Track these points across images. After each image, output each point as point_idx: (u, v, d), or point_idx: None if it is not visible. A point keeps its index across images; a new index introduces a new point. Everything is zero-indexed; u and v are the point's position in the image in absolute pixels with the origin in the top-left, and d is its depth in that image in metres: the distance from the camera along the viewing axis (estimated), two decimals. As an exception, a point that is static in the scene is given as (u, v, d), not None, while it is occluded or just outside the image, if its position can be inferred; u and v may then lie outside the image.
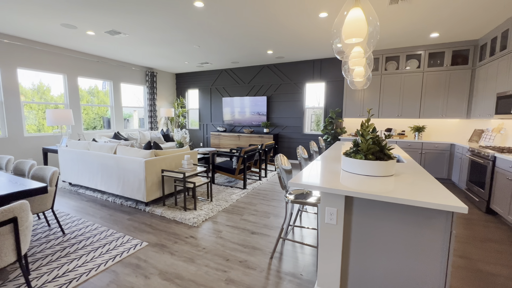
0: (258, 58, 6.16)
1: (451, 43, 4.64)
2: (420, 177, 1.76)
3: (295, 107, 6.60)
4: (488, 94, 3.98)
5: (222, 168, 4.34)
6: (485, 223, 2.94)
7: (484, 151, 3.28)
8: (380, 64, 5.23)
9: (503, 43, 3.68)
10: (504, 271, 2.00)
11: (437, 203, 1.25)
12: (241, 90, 7.34)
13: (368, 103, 5.43)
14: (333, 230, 1.60)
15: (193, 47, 5.24)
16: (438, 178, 4.76)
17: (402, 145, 4.94)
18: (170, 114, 7.75)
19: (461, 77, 4.65)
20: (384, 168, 1.80)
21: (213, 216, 3.05)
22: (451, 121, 5.01)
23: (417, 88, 4.98)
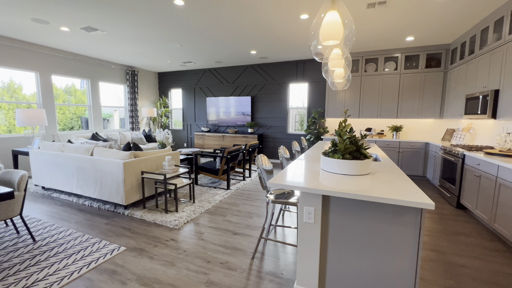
0: (242, 58, 6.15)
1: (426, 47, 4.87)
2: (394, 175, 1.83)
3: (279, 107, 6.65)
4: (458, 96, 4.22)
5: (205, 169, 4.29)
6: (455, 217, 3.11)
7: (455, 149, 3.47)
8: (360, 66, 5.39)
9: (471, 48, 3.92)
10: (472, 263, 2.13)
11: (407, 200, 1.31)
12: (226, 90, 7.29)
13: (349, 104, 5.58)
14: (311, 228, 1.63)
15: (175, 45, 5.13)
16: (414, 175, 4.98)
17: (381, 144, 5.12)
18: (152, 114, 7.55)
19: (434, 79, 4.89)
20: (361, 167, 1.86)
21: (195, 218, 3.01)
22: (426, 121, 5.26)
23: (394, 89, 5.19)
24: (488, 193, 2.69)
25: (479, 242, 2.49)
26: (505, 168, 2.42)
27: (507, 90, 2.92)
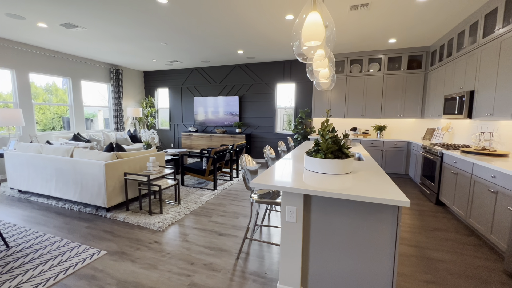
0: (229, 57, 6.12)
1: (407, 49, 5.02)
2: (375, 174, 1.88)
3: (267, 107, 6.67)
4: (437, 96, 4.38)
5: (191, 170, 4.24)
6: (435, 213, 3.23)
7: (434, 148, 3.60)
8: (345, 67, 5.49)
9: (449, 50, 4.08)
10: (448, 257, 2.22)
11: (384, 198, 1.34)
12: (213, 90, 7.23)
13: (334, 104, 5.67)
14: (293, 228, 1.64)
15: (160, 44, 5.04)
16: (397, 174, 5.13)
17: (366, 143, 5.24)
18: (138, 113, 7.38)
19: (416, 80, 5.06)
20: (342, 166, 1.89)
21: (180, 220, 2.97)
22: (408, 120, 5.43)
23: (378, 89, 5.32)
24: (464, 190, 2.81)
25: (456, 237, 2.60)
26: (479, 166, 2.53)
27: (481, 91, 3.06)
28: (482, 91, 3.04)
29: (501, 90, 2.69)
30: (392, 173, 5.16)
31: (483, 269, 2.04)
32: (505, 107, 2.61)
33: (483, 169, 2.46)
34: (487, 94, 2.94)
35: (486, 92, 2.96)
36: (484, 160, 2.52)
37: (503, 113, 2.62)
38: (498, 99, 2.73)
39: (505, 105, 2.61)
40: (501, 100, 2.67)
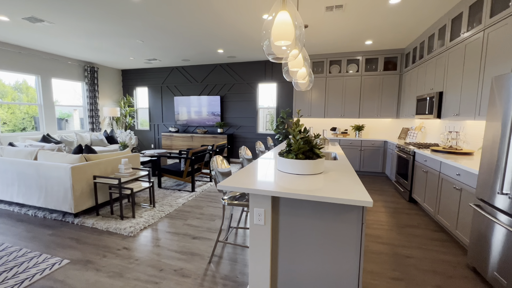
0: (210, 56, 6.02)
1: (383, 51, 5.16)
2: (345, 174, 1.89)
3: (249, 107, 6.63)
4: (411, 97, 4.54)
5: (169, 171, 4.12)
6: (408, 210, 3.33)
7: (407, 147, 3.72)
8: (325, 67, 5.56)
9: (421, 53, 4.23)
10: (416, 253, 2.28)
11: (348, 199, 1.34)
12: (194, 89, 7.10)
13: (315, 104, 5.73)
14: (262, 230, 1.61)
15: (136, 41, 4.86)
16: (375, 172, 5.27)
17: (345, 143, 5.34)
18: (115, 113, 7.10)
19: (391, 81, 5.21)
20: (313, 166, 1.88)
21: (153, 224, 2.86)
22: (385, 120, 5.59)
23: (356, 90, 5.43)
24: (433, 188, 2.92)
25: (425, 233, 2.68)
26: (445, 164, 2.63)
27: (449, 92, 3.19)
28: (450, 92, 3.17)
29: (466, 91, 2.81)
30: (370, 172, 5.30)
31: (448, 264, 2.11)
32: (469, 107, 2.73)
33: (449, 167, 2.56)
34: (454, 95, 3.07)
35: (453, 93, 3.09)
36: (451, 158, 2.63)
37: (468, 114, 2.75)
38: (463, 100, 2.85)
39: (469, 105, 2.73)
40: (466, 101, 2.79)
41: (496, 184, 1.75)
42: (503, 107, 1.72)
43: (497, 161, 1.75)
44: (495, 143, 1.78)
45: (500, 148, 1.73)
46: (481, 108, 2.52)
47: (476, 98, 2.61)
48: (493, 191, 1.78)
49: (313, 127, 6.13)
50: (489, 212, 1.82)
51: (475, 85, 2.63)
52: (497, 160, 1.75)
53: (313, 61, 5.67)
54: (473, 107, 2.66)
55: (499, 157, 1.74)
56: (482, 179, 1.91)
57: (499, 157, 1.73)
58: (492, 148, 1.80)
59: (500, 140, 1.74)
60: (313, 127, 6.13)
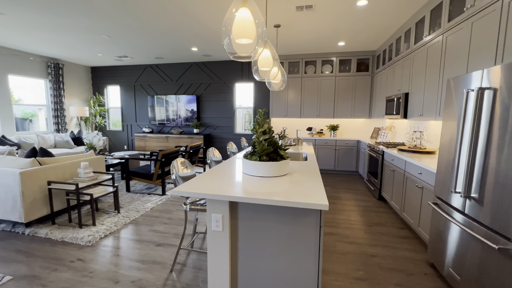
0: (184, 55, 5.83)
1: (356, 52, 5.28)
2: (309, 176, 1.86)
3: (226, 106, 6.53)
4: (381, 98, 4.67)
5: (138, 174, 3.92)
6: (376, 208, 3.41)
7: (377, 146, 3.81)
8: (300, 68, 5.59)
9: (390, 55, 4.36)
10: (381, 251, 2.32)
11: (305, 203, 1.30)
12: (169, 88, 6.86)
13: (291, 104, 5.75)
14: (220, 237, 1.54)
15: (102, 37, 4.58)
16: (349, 171, 5.39)
17: (320, 142, 5.40)
18: (83, 113, 6.68)
19: (364, 82, 5.35)
20: (277, 168, 1.84)
21: (115, 231, 2.68)
22: (359, 120, 5.73)
23: (331, 90, 5.52)
24: (399, 186, 3.00)
25: (391, 231, 2.75)
26: (409, 163, 2.71)
27: (414, 93, 3.30)
28: (415, 93, 3.28)
29: (428, 92, 2.91)
30: (345, 171, 5.40)
31: (410, 261, 2.16)
32: (431, 108, 2.83)
33: (412, 166, 2.64)
34: (418, 96, 3.18)
35: (417, 94, 3.20)
36: (415, 157, 2.71)
37: (430, 114, 2.85)
38: (426, 100, 2.96)
39: (431, 106, 2.83)
40: (429, 101, 2.90)
41: (451, 183, 1.80)
42: (458, 108, 1.78)
43: (453, 160, 1.80)
44: (452, 142, 1.83)
45: (455, 148, 1.79)
46: (441, 108, 2.62)
47: (436, 99, 2.71)
48: (449, 190, 1.84)
49: (289, 127, 6.15)
50: (445, 210, 1.88)
51: (436, 86, 2.73)
52: (453, 160, 1.80)
53: (289, 61, 5.68)
54: (434, 107, 2.76)
55: (454, 156, 1.79)
56: (439, 178, 1.96)
57: (455, 157, 1.79)
58: (449, 148, 1.86)
59: (456, 140, 1.79)
60: (289, 127, 6.15)
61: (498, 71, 1.41)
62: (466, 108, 1.64)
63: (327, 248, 2.37)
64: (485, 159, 1.48)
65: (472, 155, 1.58)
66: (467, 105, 1.65)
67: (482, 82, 1.52)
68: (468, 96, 1.64)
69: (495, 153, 1.40)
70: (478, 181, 1.53)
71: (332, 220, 3.00)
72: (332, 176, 5.20)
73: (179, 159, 2.02)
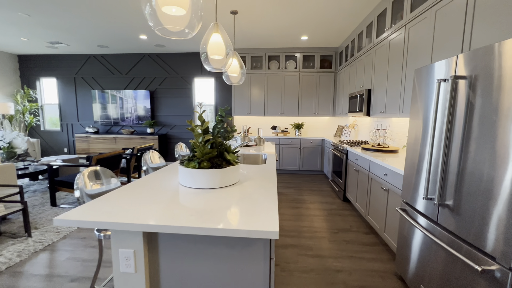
0: (133, 44, 5.11)
1: (319, 48, 5.13)
2: (263, 185, 1.49)
3: (184, 103, 5.94)
4: (344, 95, 4.56)
5: (65, 184, 3.20)
6: (341, 211, 3.21)
7: (341, 145, 3.64)
8: (263, 63, 5.27)
9: (352, 51, 4.25)
10: (347, 264, 2.07)
11: (246, 230, 0.92)
12: (118, 82, 6.03)
13: (255, 101, 5.40)
14: (133, 281, 1.08)
15: (19, 15, 3.70)
16: (314, 171, 5.23)
17: (285, 142, 5.15)
18: (6, 110, 5.52)
19: (327, 80, 5.22)
20: (221, 177, 1.44)
21: (16, 264, 2.03)
22: (323, 118, 5.61)
23: (295, 87, 5.30)
24: (364, 187, 2.82)
25: (357, 237, 2.54)
26: (374, 164, 2.52)
27: (377, 89, 3.16)
28: (377, 89, 3.14)
29: (391, 88, 2.77)
30: (310, 171, 5.23)
31: (378, 275, 1.94)
32: (394, 105, 2.69)
33: (377, 166, 2.45)
34: (380, 93, 3.04)
35: (380, 91, 3.06)
36: (379, 157, 2.53)
37: (393, 111, 2.70)
38: (389, 97, 2.82)
39: (394, 103, 2.69)
40: (391, 98, 2.75)
41: (421, 187, 1.59)
42: (423, 102, 1.56)
43: (421, 161, 1.59)
44: (420, 140, 1.62)
45: (425, 147, 1.57)
46: (404, 105, 2.47)
47: (399, 95, 2.57)
48: (418, 195, 1.62)
49: (253, 126, 5.81)
50: (414, 218, 1.66)
51: (399, 82, 2.59)
52: (422, 161, 1.59)
53: (252, 56, 5.32)
54: (397, 104, 2.62)
55: (422, 157, 1.57)
56: (407, 181, 1.75)
57: (423, 157, 1.57)
58: (417, 147, 1.64)
59: (425, 138, 1.57)
60: (253, 126, 5.81)
61: (476, 56, 1.18)
62: (438, 101, 1.42)
63: (287, 265, 2.04)
64: (461, 158, 1.25)
65: (445, 155, 1.36)
66: (439, 97, 1.43)
67: (457, 69, 1.30)
68: (440, 87, 1.42)
69: (473, 151, 1.18)
70: (453, 185, 1.31)
71: (295, 229, 2.70)
72: (297, 177, 4.98)
73: (89, 169, 1.50)
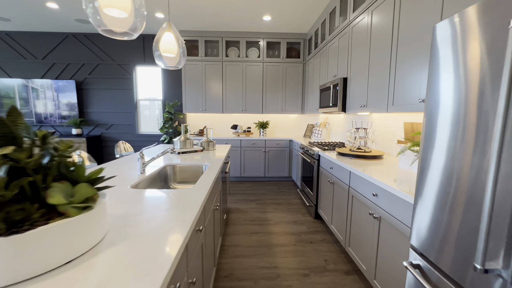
0: (45, 17, 3.86)
1: (285, 34, 4.40)
2: (146, 259, 0.63)
3: (124, 98, 4.80)
4: (314, 89, 3.89)
5: None
6: (313, 235, 2.49)
7: (312, 148, 2.93)
8: (221, 49, 4.38)
9: (323, 36, 3.58)
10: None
11: None
12: (32, 69, 4.66)
13: (210, 95, 4.50)
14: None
15: None
16: (281, 177, 4.50)
17: (247, 143, 4.34)
18: None
19: (295, 71, 4.53)
20: (17, 259, 0.54)
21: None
22: (291, 116, 4.92)
23: (258, 80, 4.51)
24: (342, 205, 2.12)
25: (335, 281, 1.81)
26: (357, 177, 1.82)
27: (354, 77, 2.49)
28: (355, 77, 2.47)
29: (375, 75, 2.10)
30: (276, 177, 4.50)
31: None
32: (379, 96, 2.01)
33: (361, 181, 1.74)
34: (360, 82, 2.37)
35: (359, 79, 2.39)
36: (362, 166, 1.83)
37: (379, 104, 2.03)
38: (372, 87, 2.15)
39: (379, 94, 2.02)
40: (375, 88, 2.08)
41: (457, 239, 0.86)
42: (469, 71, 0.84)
43: (456, 190, 0.86)
44: (453, 147, 0.89)
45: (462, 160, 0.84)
46: (395, 95, 1.79)
47: (387, 83, 1.89)
48: (450, 253, 0.90)
49: (210, 125, 4.90)
50: (440, 286, 0.94)
51: (386, 66, 1.91)
52: (456, 188, 0.86)
53: (205, 40, 4.40)
54: (384, 95, 1.94)
55: (459, 181, 0.85)
56: (424, 219, 1.02)
57: (460, 182, 0.84)
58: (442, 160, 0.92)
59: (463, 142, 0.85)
60: (210, 125, 4.90)
61: None
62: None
63: None
64: None
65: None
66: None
67: None
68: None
69: None
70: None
71: (252, 271, 1.89)
72: (261, 185, 4.20)
73: None
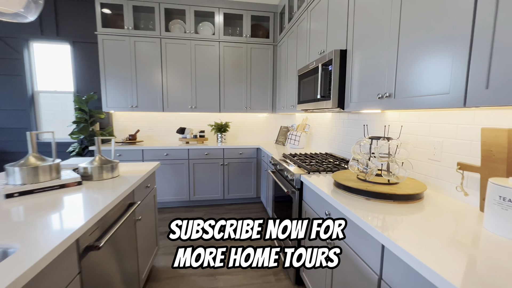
0: None
1: (250, 4, 3.25)
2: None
3: (12, 88, 3.24)
4: (290, 78, 2.81)
5: None
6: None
7: (288, 169, 1.81)
8: (158, 21, 3.08)
9: (300, 3, 2.49)
10: None
11: None
12: None
13: (143, 86, 3.17)
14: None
15: None
16: (246, 199, 3.35)
17: (197, 154, 3.10)
18: None
19: (263, 56, 3.40)
20: None
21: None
22: (259, 116, 3.79)
23: (214, 65, 3.30)
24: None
25: None
26: (399, 259, 0.72)
27: (363, 45, 1.42)
28: (365, 44, 1.40)
29: (408, 36, 1.03)
30: (240, 199, 3.34)
31: None
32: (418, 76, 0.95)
33: (414, 275, 0.65)
34: (375, 50, 1.30)
35: (373, 46, 1.33)
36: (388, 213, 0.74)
37: (414, 90, 0.97)
38: (401, 59, 1.08)
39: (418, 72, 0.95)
40: (413, 60, 1.02)
41: None
42: None
43: None
44: None
45: None
46: (472, 73, 0.73)
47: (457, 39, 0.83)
48: None
49: (147, 128, 3.54)
50: None
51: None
52: None
53: (134, 5, 3.06)
54: (446, 70, 0.88)
55: None
56: None
57: None
58: None
59: None
60: (147, 128, 3.54)
61: None
62: None
63: None
64: None
65: None
66: None
67: None
68: None
69: None
70: None
71: None
72: (219, 212, 3.01)
73: None
